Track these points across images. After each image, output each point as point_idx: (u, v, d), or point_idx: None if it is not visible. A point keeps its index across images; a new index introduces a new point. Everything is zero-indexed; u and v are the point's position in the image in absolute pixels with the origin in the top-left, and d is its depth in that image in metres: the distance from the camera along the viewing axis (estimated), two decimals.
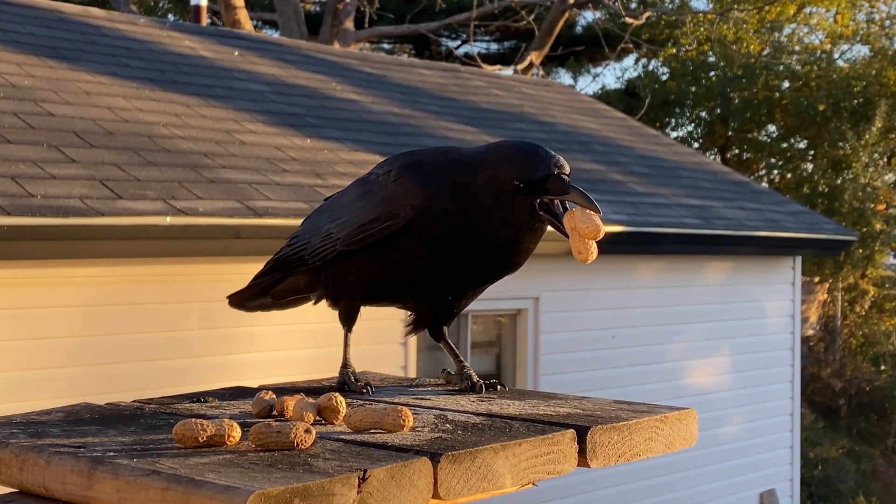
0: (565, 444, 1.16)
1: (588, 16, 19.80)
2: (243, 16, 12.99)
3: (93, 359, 4.78)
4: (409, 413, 1.16)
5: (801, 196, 15.56)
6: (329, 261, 1.48)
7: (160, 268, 4.97)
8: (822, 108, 17.58)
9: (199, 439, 1.07)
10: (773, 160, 19.35)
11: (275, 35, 15.27)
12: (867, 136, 15.34)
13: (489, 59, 19.82)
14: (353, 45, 14.26)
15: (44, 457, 1.07)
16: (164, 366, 5.01)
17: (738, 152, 20.14)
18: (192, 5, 9.98)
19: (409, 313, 1.55)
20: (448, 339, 1.54)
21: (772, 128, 19.87)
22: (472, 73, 10.06)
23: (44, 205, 4.26)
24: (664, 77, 20.70)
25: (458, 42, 21.13)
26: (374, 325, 5.45)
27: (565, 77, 21.28)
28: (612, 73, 42.13)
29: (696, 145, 20.04)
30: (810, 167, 17.69)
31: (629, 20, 14.05)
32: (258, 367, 5.20)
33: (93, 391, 4.64)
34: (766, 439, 8.34)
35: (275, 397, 1.26)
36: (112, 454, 1.06)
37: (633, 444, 1.23)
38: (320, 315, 2.36)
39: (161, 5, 20.19)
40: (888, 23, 19.67)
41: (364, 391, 1.42)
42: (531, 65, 14.91)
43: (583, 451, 1.17)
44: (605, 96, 19.54)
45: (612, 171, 7.88)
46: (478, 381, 1.46)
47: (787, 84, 18.82)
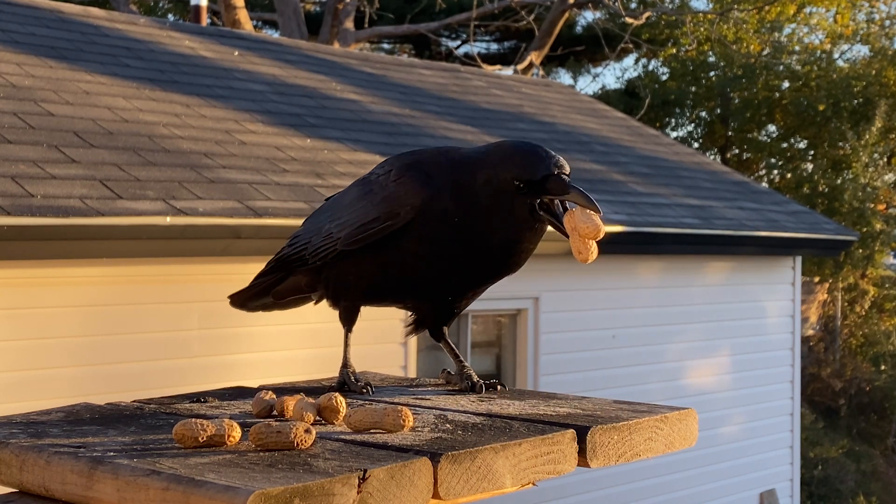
0: (565, 444, 1.16)
1: (588, 16, 19.81)
2: (243, 16, 12.99)
3: (93, 359, 4.78)
4: (409, 413, 1.16)
5: (801, 196, 15.56)
6: (329, 261, 1.48)
7: (160, 268, 4.97)
8: (822, 108, 17.57)
9: (199, 439, 1.07)
10: (773, 160, 19.35)
11: (275, 35, 15.27)
12: (867, 136, 15.33)
13: (489, 59, 19.81)
14: (353, 45, 14.26)
15: (44, 457, 1.07)
16: (164, 366, 5.01)
17: (738, 152, 20.13)
18: (192, 5, 9.98)
19: (410, 313, 1.55)
20: (448, 339, 1.54)
21: (772, 128, 19.87)
22: (472, 73, 10.06)
23: (44, 205, 4.26)
24: (664, 77, 20.69)
25: (458, 42, 21.13)
26: (374, 325, 5.45)
27: (565, 77, 21.29)
28: (612, 73, 42.17)
29: (696, 145, 20.03)
30: (810, 167, 17.69)
31: (629, 20, 14.04)
32: (258, 367, 5.20)
33: (93, 391, 4.64)
34: (766, 439, 8.34)
35: (275, 397, 1.26)
36: (112, 454, 1.06)
37: (633, 444, 1.22)
38: (320, 315, 2.36)
39: (161, 5, 20.19)
40: (888, 23, 19.67)
41: (364, 391, 1.42)
42: (531, 65, 14.91)
43: (583, 451, 1.17)
44: (605, 96, 19.53)
45: (612, 171, 7.88)
46: (478, 381, 1.46)
47: (787, 84, 18.82)
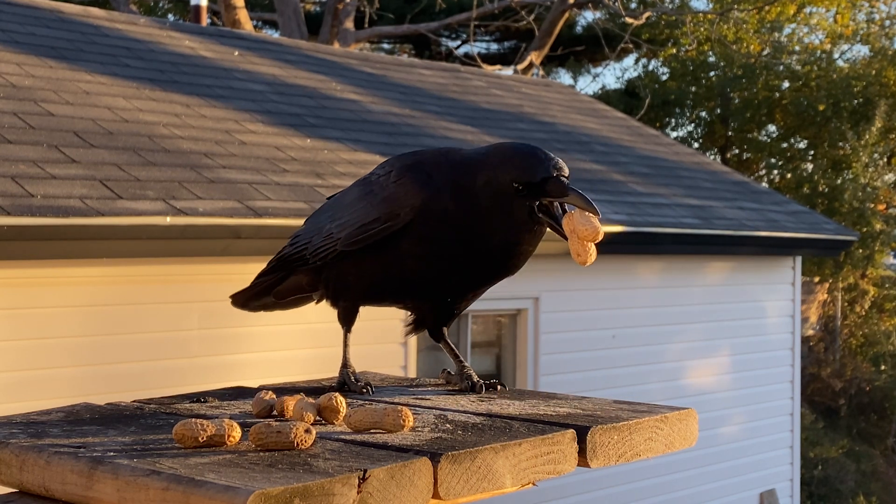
0: (565, 444, 1.16)
1: (588, 16, 19.81)
2: (243, 16, 12.99)
3: (93, 359, 4.78)
4: (409, 413, 1.16)
5: (801, 196, 15.56)
6: (330, 260, 1.48)
7: (160, 268, 4.97)
8: (822, 108, 17.57)
9: (199, 439, 1.07)
10: (773, 160, 19.34)
11: (275, 35, 15.27)
12: (867, 136, 15.33)
13: (489, 59, 19.81)
14: (353, 45, 14.26)
15: (44, 457, 1.07)
16: (164, 366, 5.01)
17: (738, 152, 20.13)
18: (192, 5, 9.98)
19: (409, 314, 1.55)
20: (448, 339, 1.54)
21: (772, 128, 19.87)
22: (472, 73, 10.06)
23: (44, 205, 4.26)
24: (664, 77, 20.69)
25: (458, 42, 21.12)
26: (374, 325, 5.45)
27: (565, 77, 21.29)
28: (612, 73, 42.15)
29: (696, 145, 20.03)
30: (810, 167, 17.68)
31: (629, 20, 14.04)
32: (258, 367, 5.20)
33: (93, 391, 4.64)
34: (766, 439, 8.34)
35: (275, 397, 1.26)
36: (112, 454, 1.06)
37: (633, 444, 1.22)
38: (321, 315, 2.36)
39: (161, 5, 20.18)
40: (888, 23, 19.67)
41: (364, 391, 1.42)
42: (531, 65, 14.91)
43: (583, 451, 1.17)
44: (605, 96, 19.53)
45: (612, 171, 7.88)
46: (478, 381, 1.46)
47: (787, 84, 18.82)
